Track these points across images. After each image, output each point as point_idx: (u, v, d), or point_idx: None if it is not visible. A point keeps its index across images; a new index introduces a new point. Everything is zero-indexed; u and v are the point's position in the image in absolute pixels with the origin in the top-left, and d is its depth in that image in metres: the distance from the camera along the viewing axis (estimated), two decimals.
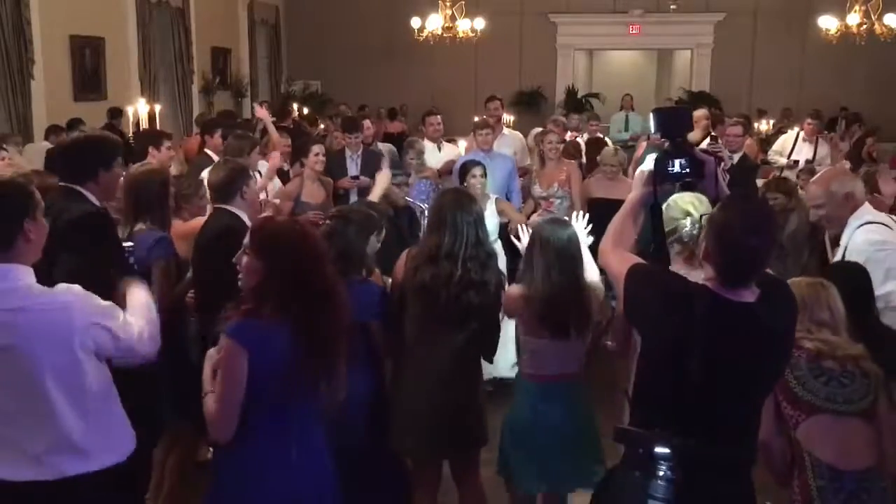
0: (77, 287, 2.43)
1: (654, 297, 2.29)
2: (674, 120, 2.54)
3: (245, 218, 3.61)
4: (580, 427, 3.28)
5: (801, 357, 2.70)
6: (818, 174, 4.42)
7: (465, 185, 5.06)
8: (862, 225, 3.72)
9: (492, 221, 5.06)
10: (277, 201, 5.44)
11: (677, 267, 2.86)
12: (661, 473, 2.12)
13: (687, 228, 2.94)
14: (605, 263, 2.52)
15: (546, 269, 3.19)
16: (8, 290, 2.32)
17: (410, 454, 3.45)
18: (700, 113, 7.80)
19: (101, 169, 3.20)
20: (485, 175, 5.25)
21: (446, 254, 3.23)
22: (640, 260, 2.40)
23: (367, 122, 7.73)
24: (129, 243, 3.44)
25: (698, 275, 2.36)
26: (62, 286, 2.42)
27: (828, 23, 11.94)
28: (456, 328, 3.26)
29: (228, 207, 3.65)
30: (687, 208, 2.94)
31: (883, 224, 3.75)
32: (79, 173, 3.19)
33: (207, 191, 3.91)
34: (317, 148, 5.80)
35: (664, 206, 2.74)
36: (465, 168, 5.30)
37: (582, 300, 3.23)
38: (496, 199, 5.43)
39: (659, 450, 2.12)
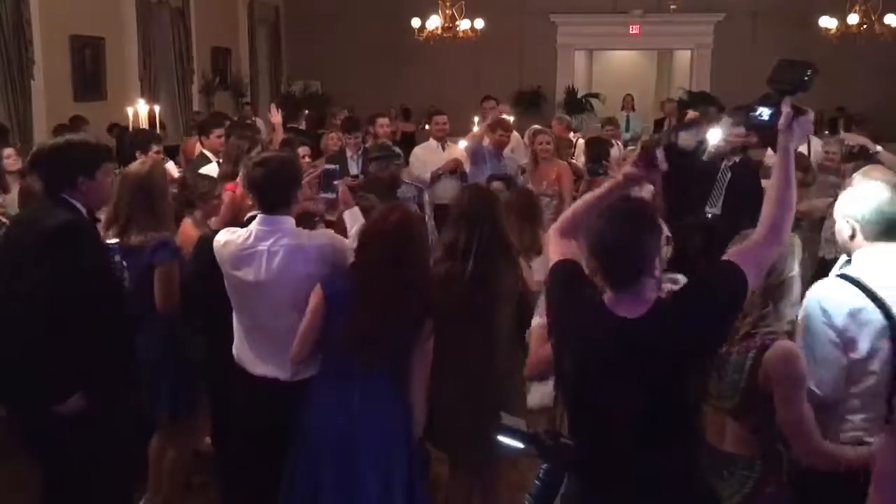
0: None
1: (559, 299, 2.27)
2: (788, 73, 2.31)
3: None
4: None
5: None
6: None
7: None
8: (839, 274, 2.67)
9: None
10: None
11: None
12: (540, 474, 2.19)
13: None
14: (548, 246, 2.48)
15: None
16: (290, 233, 3.05)
17: (441, 451, 3.45)
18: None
19: (81, 176, 3.00)
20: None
21: (462, 250, 3.31)
22: (570, 257, 2.32)
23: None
24: (115, 240, 3.41)
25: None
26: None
27: (828, 23, 11.94)
28: (472, 324, 3.29)
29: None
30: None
31: (858, 286, 2.53)
32: (60, 180, 2.99)
33: (224, 190, 3.88)
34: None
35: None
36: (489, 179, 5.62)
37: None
38: None
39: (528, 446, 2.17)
